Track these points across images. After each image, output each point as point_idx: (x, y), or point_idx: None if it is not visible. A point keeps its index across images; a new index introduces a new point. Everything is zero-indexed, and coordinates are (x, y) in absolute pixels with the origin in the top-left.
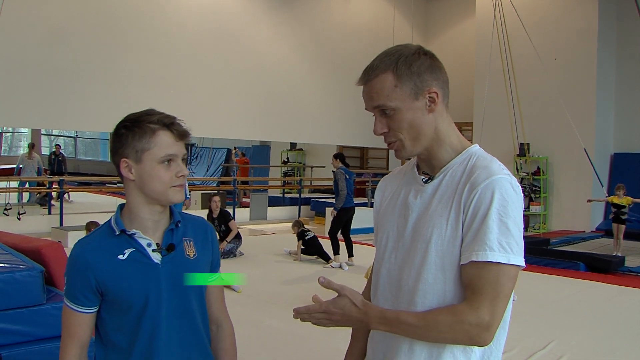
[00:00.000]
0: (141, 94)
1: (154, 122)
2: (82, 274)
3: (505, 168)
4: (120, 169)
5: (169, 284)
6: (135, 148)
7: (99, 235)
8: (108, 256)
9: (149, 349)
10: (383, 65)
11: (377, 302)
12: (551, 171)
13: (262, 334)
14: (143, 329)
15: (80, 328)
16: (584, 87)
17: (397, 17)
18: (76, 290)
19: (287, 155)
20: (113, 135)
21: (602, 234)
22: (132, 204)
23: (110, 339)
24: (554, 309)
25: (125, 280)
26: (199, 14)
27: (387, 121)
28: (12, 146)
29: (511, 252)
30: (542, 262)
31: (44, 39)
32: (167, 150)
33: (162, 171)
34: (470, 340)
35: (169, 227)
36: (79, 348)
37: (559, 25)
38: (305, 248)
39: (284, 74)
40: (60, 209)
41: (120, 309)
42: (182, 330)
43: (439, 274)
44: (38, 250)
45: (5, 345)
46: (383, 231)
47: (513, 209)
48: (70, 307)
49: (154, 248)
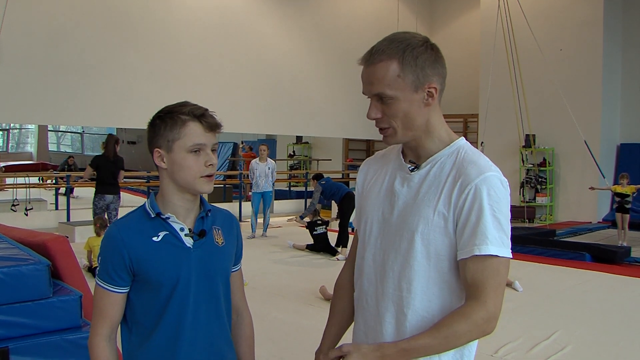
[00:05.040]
0: (147, 90)
1: (185, 114)
2: (117, 252)
3: (492, 163)
4: (153, 158)
5: (199, 268)
6: (166, 138)
7: (134, 217)
8: (143, 237)
9: (176, 329)
10: (389, 51)
11: (362, 285)
12: (557, 162)
13: (268, 325)
14: (171, 309)
15: (113, 308)
16: (590, 77)
17: (402, 8)
18: (111, 270)
19: (293, 149)
20: (148, 126)
21: (609, 225)
22: (164, 190)
23: (136, 319)
24: (559, 299)
25: (159, 261)
26: (204, 8)
27: (383, 107)
28: (20, 143)
29: (504, 245)
30: (548, 252)
31: (50, 35)
32: (195, 139)
33: (191, 160)
34: (483, 334)
35: (200, 215)
36: (110, 328)
37: (565, 16)
38: (313, 243)
39: (289, 67)
40: (67, 205)
41: (150, 289)
42: (208, 313)
43: (424, 261)
44: (44, 244)
45: (11, 338)
46: (367, 215)
47: (503, 205)
48: (104, 288)
49: (187, 233)
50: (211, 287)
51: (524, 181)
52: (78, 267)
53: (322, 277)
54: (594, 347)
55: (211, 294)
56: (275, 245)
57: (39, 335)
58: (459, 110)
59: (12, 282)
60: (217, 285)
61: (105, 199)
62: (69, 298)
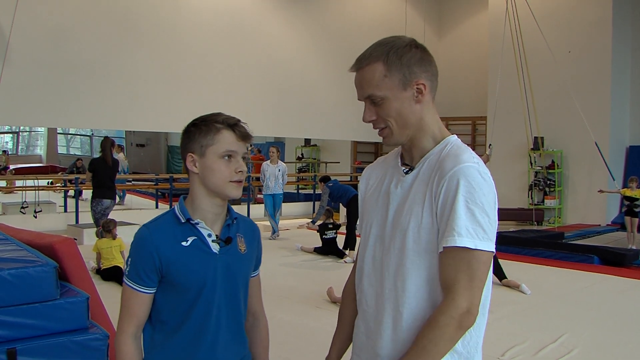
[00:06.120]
0: (156, 93)
1: (219, 122)
2: (149, 254)
3: (476, 157)
4: (186, 163)
5: (224, 273)
6: (200, 143)
7: (164, 221)
8: (173, 241)
9: (200, 329)
10: (375, 54)
11: (363, 287)
12: (566, 164)
13: (275, 327)
14: (197, 310)
15: (140, 308)
16: (599, 79)
17: (409, 11)
18: (141, 271)
19: (302, 151)
20: (183, 133)
21: (618, 228)
22: (195, 195)
23: (161, 319)
24: (566, 302)
25: (187, 265)
26: (212, 11)
27: (376, 109)
28: (29, 145)
29: (477, 237)
30: (556, 255)
31: (60, 38)
32: (228, 146)
33: (223, 165)
34: (461, 329)
35: (226, 222)
36: (136, 327)
37: (573, 17)
38: (322, 246)
39: (297, 70)
40: (76, 207)
41: (177, 291)
42: (229, 316)
43: (416, 260)
44: (52, 246)
45: (19, 339)
46: (368, 219)
47: (481, 196)
48: (132, 288)
49: (214, 239)
50: (233, 292)
51: (532, 183)
52: (85, 269)
53: (329, 280)
54: (601, 350)
55: (233, 298)
56: (283, 247)
57: (46, 337)
58: (468, 112)
59: (19, 283)
60: (238, 289)
61: (103, 204)
62: (76, 300)
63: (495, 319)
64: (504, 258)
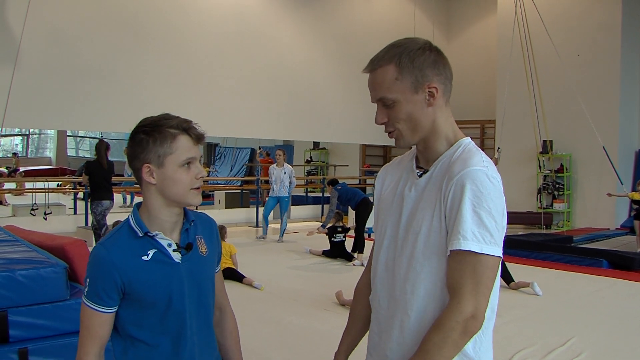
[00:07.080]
0: (165, 95)
1: (173, 127)
2: (108, 274)
3: (486, 160)
4: (142, 174)
5: (190, 281)
6: (157, 153)
7: (121, 236)
8: (133, 257)
9: (178, 341)
10: (387, 56)
11: (376, 287)
12: (575, 168)
13: (284, 331)
14: (169, 325)
15: (102, 328)
16: (608, 82)
17: (418, 15)
18: (100, 291)
19: (311, 155)
20: (131, 140)
21: (627, 231)
22: (151, 206)
23: (130, 334)
24: (575, 305)
25: (151, 280)
26: (221, 14)
27: (388, 112)
28: (39, 148)
29: (484, 242)
30: (565, 259)
31: (69, 41)
32: (187, 154)
33: (183, 174)
34: (466, 334)
35: (184, 227)
36: (99, 347)
37: (582, 21)
38: (330, 249)
39: (306, 73)
40: (85, 209)
41: (141, 306)
42: (200, 321)
43: (426, 264)
44: (62, 247)
45: (30, 339)
46: (383, 221)
47: (488, 200)
48: (91, 308)
49: (174, 248)
50: (202, 297)
51: (541, 187)
52: None
53: (337, 283)
54: (609, 354)
55: (202, 304)
56: (292, 250)
57: (57, 337)
58: (476, 116)
59: (30, 284)
60: (206, 294)
61: (103, 205)
62: None
63: (503, 323)
64: (513, 262)
